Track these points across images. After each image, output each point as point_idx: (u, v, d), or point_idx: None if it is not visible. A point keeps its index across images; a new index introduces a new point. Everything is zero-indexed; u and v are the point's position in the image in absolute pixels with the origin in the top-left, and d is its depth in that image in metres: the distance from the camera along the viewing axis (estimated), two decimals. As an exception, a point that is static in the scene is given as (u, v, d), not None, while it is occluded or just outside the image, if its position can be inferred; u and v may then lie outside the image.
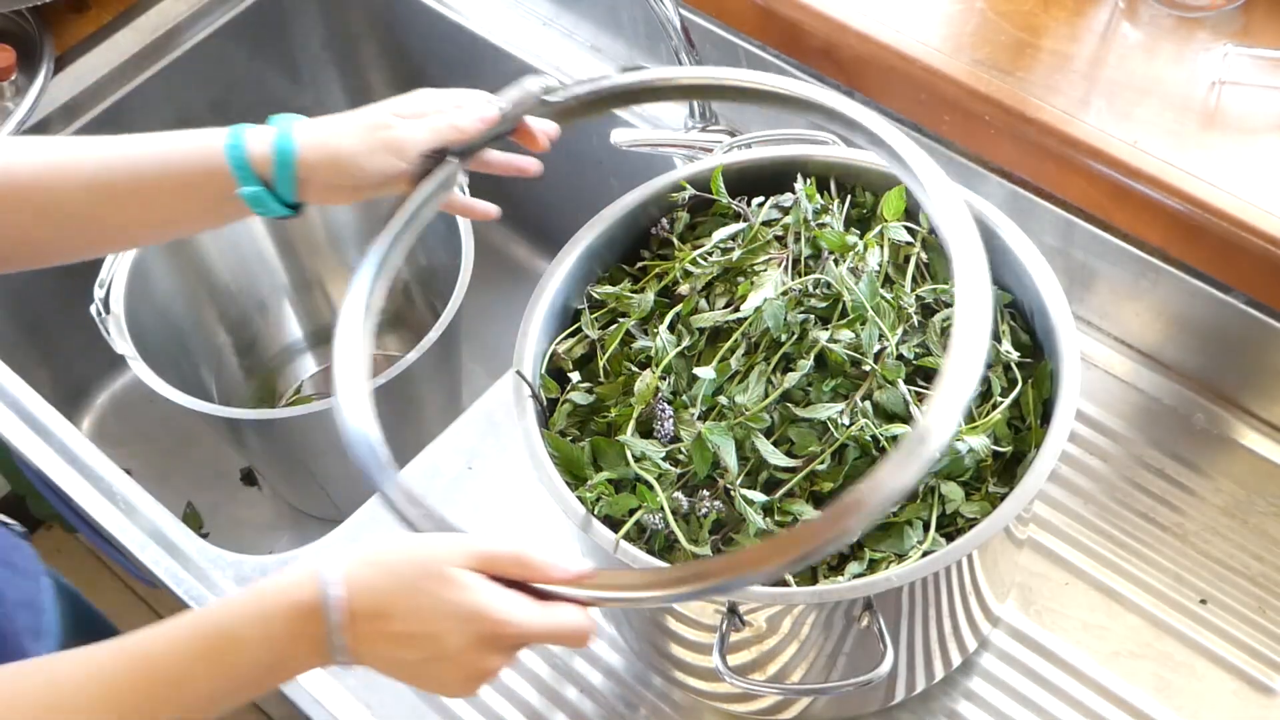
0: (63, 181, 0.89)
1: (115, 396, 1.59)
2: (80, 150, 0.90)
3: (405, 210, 0.92)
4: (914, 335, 0.93)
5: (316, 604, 0.71)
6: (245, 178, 0.88)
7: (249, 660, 0.72)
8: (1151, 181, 1.08)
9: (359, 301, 0.87)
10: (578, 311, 0.99)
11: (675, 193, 1.02)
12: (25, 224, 0.90)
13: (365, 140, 0.89)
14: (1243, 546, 1.09)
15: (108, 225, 0.92)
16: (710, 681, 0.99)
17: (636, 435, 0.90)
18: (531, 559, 0.74)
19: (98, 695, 0.71)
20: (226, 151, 0.88)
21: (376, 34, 1.61)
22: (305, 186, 0.89)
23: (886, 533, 0.87)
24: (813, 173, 1.01)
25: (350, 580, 0.72)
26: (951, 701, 1.02)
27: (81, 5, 1.47)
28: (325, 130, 0.90)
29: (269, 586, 0.73)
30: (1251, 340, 1.10)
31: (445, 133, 0.91)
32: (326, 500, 1.45)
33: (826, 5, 1.21)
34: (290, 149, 0.88)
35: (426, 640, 0.72)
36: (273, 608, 0.72)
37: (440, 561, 0.72)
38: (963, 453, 0.87)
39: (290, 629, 0.72)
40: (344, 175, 0.89)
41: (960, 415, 0.74)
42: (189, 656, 0.71)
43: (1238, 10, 1.16)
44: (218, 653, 0.72)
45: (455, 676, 0.74)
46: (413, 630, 0.72)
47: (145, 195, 0.89)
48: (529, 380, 0.93)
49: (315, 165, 0.89)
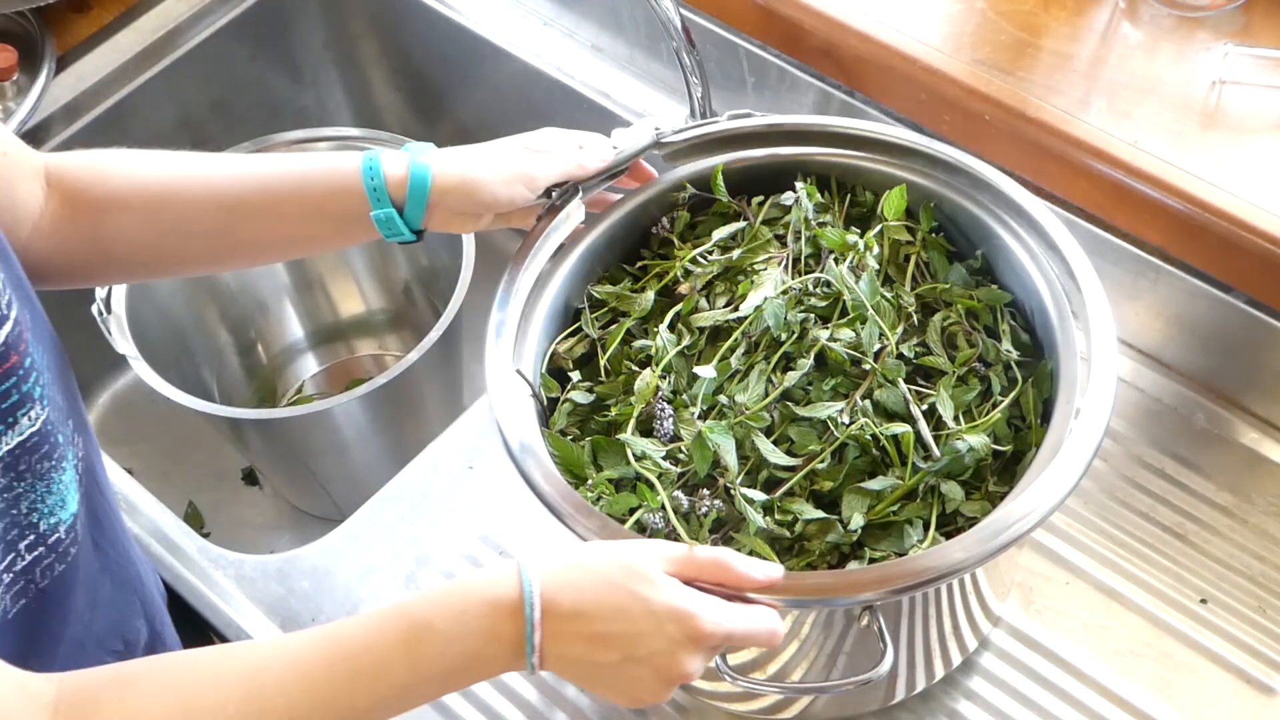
0: (196, 196, 0.92)
1: (116, 396, 1.59)
2: (212, 166, 0.94)
3: (533, 242, 0.97)
4: (914, 334, 0.93)
5: (516, 600, 0.72)
6: (379, 201, 0.91)
7: (445, 653, 0.72)
8: (1151, 181, 1.08)
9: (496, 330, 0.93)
10: (578, 311, 1.00)
11: (676, 192, 1.02)
12: (153, 237, 0.93)
13: (499, 170, 0.93)
14: (1243, 546, 1.09)
15: (237, 241, 0.95)
16: (710, 681, 0.99)
17: (637, 434, 0.90)
18: (732, 564, 0.76)
19: (297, 683, 0.72)
20: (363, 174, 0.91)
21: (377, 34, 1.61)
22: (433, 212, 0.93)
23: (887, 532, 0.87)
24: (813, 172, 1.01)
25: (552, 578, 0.73)
26: (952, 701, 1.02)
27: (83, 5, 1.47)
28: (459, 159, 0.94)
29: (469, 582, 0.74)
30: (1251, 340, 1.10)
31: (572, 170, 0.97)
32: (328, 500, 1.45)
33: (827, 5, 1.21)
34: (426, 175, 0.92)
35: (627, 640, 0.73)
36: (472, 602, 0.73)
37: (644, 564, 0.74)
38: (962, 451, 0.87)
39: (488, 624, 0.72)
40: (475, 202, 0.93)
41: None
42: (387, 647, 0.72)
43: (1238, 10, 1.16)
44: (416, 644, 0.72)
45: (649, 679, 0.74)
46: (614, 630, 0.72)
47: (277, 213, 0.93)
48: (529, 379, 0.93)
49: (447, 191, 0.92)
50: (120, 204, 0.91)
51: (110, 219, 0.91)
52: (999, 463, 0.90)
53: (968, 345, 0.93)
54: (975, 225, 0.98)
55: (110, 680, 0.73)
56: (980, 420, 0.89)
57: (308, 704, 0.71)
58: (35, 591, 0.83)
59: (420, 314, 1.60)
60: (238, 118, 1.56)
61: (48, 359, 0.82)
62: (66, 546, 0.84)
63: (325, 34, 1.62)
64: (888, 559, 0.86)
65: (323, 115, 1.66)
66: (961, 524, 0.87)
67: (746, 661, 0.92)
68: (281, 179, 0.93)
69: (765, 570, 0.77)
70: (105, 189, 0.91)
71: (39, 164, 0.90)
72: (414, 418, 1.38)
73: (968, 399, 0.90)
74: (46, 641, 0.86)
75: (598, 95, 1.41)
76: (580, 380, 0.96)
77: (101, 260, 0.94)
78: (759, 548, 0.86)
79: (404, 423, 1.37)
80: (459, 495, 1.16)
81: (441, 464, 1.19)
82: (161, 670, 0.73)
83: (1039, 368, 0.92)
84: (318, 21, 1.60)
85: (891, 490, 0.87)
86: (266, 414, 1.34)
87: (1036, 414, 0.91)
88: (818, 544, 0.86)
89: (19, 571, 0.81)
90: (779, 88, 1.30)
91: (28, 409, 0.78)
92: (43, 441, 0.80)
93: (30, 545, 0.81)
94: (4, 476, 0.78)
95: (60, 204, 0.90)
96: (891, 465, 0.88)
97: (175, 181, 0.92)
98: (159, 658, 0.75)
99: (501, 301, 0.94)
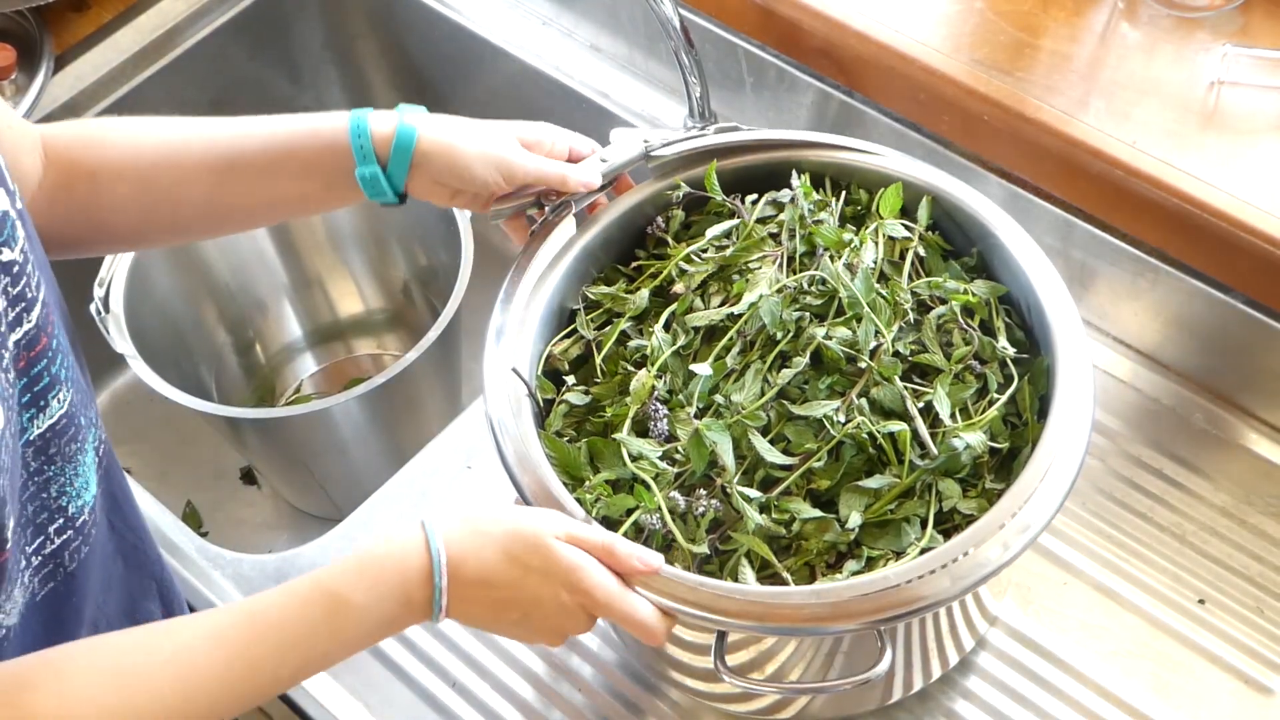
0: (188, 160, 0.92)
1: (115, 395, 1.59)
2: (203, 129, 0.93)
3: (533, 252, 0.98)
4: (909, 332, 0.93)
5: (426, 569, 0.79)
6: (365, 159, 0.91)
7: (363, 621, 0.78)
8: (1150, 181, 1.08)
9: (496, 335, 0.94)
10: (574, 312, 0.99)
11: (671, 191, 1.02)
12: (147, 205, 0.93)
13: (482, 149, 0.94)
14: (1241, 547, 1.09)
15: (230, 205, 0.95)
16: (708, 682, 0.99)
17: (633, 435, 0.90)
18: (618, 549, 0.82)
19: (225, 660, 0.76)
20: (350, 130, 0.91)
21: (376, 33, 1.61)
22: (415, 175, 0.93)
23: (884, 530, 0.87)
24: (808, 171, 1.01)
25: (456, 545, 0.79)
26: (950, 701, 1.02)
27: (81, 4, 1.47)
28: (447, 127, 0.94)
29: (382, 553, 0.79)
30: (1250, 340, 1.10)
31: (552, 180, 0.97)
32: (326, 499, 1.45)
33: (826, 5, 1.21)
34: (411, 134, 0.92)
35: (522, 604, 0.81)
36: (387, 573, 0.79)
37: (541, 533, 0.81)
38: (959, 449, 0.87)
39: (401, 593, 0.79)
40: (453, 175, 0.94)
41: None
42: (311, 622, 0.78)
43: (1237, 10, 1.16)
44: (337, 617, 0.78)
45: (543, 633, 0.83)
46: (511, 596, 0.80)
47: (269, 172, 0.93)
48: (525, 379, 0.93)
49: (430, 155, 0.92)
50: (114, 173, 0.91)
51: (104, 188, 0.91)
52: (996, 460, 0.90)
53: (963, 343, 0.92)
54: (972, 223, 0.98)
55: (41, 664, 0.74)
56: (977, 418, 0.89)
57: (236, 677, 0.76)
58: (64, 575, 0.84)
59: (419, 314, 1.60)
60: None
61: (67, 340, 0.83)
62: (90, 529, 0.85)
63: (324, 33, 1.62)
64: (885, 557, 0.86)
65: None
66: (959, 521, 0.87)
67: (744, 662, 0.92)
68: (271, 138, 0.93)
69: (646, 557, 0.82)
70: (99, 158, 0.91)
71: (37, 137, 0.90)
72: (412, 417, 1.38)
73: (964, 396, 0.90)
74: (72, 624, 0.86)
75: (596, 95, 1.41)
76: (575, 383, 0.96)
77: (94, 230, 0.93)
78: (757, 547, 0.85)
79: (402, 422, 1.37)
80: (457, 495, 1.16)
81: (440, 464, 1.19)
82: (93, 652, 0.75)
83: (1035, 364, 0.92)
84: (317, 21, 1.60)
85: (889, 488, 0.87)
86: (265, 413, 1.34)
87: (1033, 411, 0.91)
88: (815, 543, 0.86)
89: (48, 555, 0.81)
90: (778, 88, 1.30)
91: (57, 391, 0.78)
92: (69, 424, 0.80)
93: (59, 529, 0.82)
94: (35, 460, 0.78)
95: (56, 175, 0.90)
96: (889, 463, 0.88)
97: (167, 147, 0.92)
98: (86, 641, 0.76)
99: (502, 305, 0.95)
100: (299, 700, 1.06)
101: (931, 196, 0.99)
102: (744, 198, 1.01)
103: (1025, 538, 0.83)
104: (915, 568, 0.82)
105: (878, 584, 0.82)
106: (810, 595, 0.82)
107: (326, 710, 1.05)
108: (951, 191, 0.98)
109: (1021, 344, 0.94)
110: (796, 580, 0.86)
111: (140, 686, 0.74)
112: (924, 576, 0.81)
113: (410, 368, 1.25)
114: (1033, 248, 0.95)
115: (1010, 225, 0.96)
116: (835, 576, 0.85)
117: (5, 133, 0.85)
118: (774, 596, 0.82)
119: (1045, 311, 0.92)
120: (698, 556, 0.87)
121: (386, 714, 1.05)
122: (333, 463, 1.38)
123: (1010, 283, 0.96)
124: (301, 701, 1.06)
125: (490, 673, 1.06)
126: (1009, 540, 0.82)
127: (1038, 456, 0.85)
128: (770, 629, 0.82)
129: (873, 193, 0.99)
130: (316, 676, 1.05)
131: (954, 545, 0.83)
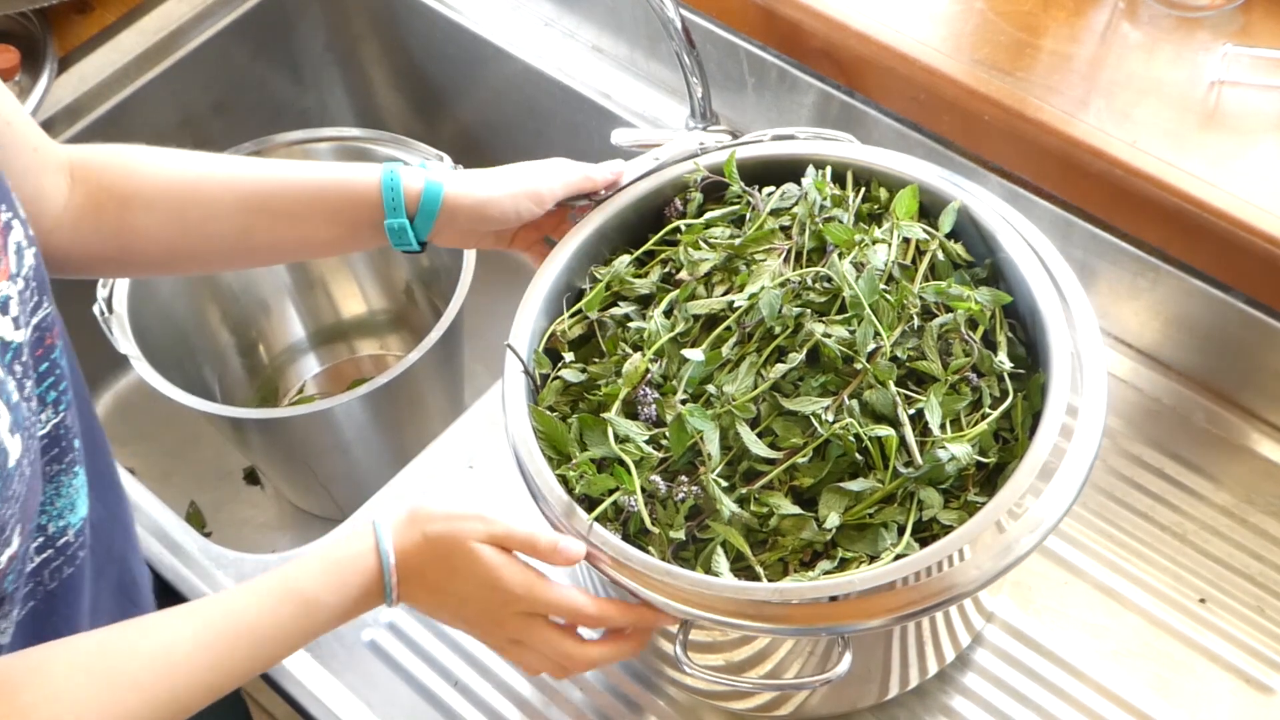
0: (220, 197, 0.95)
1: (118, 396, 1.59)
2: (236, 168, 0.97)
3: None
4: (910, 337, 0.91)
5: (379, 570, 0.86)
6: (395, 211, 0.96)
7: (330, 619, 0.85)
8: (1151, 181, 1.08)
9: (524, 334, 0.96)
10: (582, 292, 1.00)
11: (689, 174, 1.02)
12: (175, 236, 0.95)
13: (508, 187, 0.98)
14: (1242, 546, 1.09)
15: (255, 243, 0.98)
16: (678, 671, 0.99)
17: (622, 416, 0.90)
18: (539, 540, 0.86)
19: (204, 656, 0.81)
20: (383, 184, 0.96)
21: (378, 35, 1.61)
22: (443, 227, 0.98)
23: (861, 534, 0.86)
24: (829, 165, 1.01)
25: (401, 548, 0.86)
26: (947, 698, 1.02)
27: (85, 6, 1.48)
28: (471, 179, 0.98)
29: (343, 555, 0.86)
30: (1251, 340, 1.10)
31: (578, 183, 1.01)
32: (328, 499, 1.45)
33: (826, 5, 1.22)
34: (439, 191, 0.96)
35: (454, 601, 0.87)
36: (350, 574, 0.85)
37: (466, 538, 0.86)
38: (944, 460, 0.86)
39: (361, 592, 0.86)
40: (482, 220, 0.98)
41: None
42: (284, 622, 0.84)
43: (1237, 10, 1.16)
44: (308, 616, 0.84)
45: (488, 634, 0.89)
46: (446, 590, 0.87)
47: (298, 216, 0.97)
48: (520, 356, 0.93)
49: (458, 208, 0.97)
50: (146, 202, 0.93)
51: (135, 216, 0.93)
52: (982, 474, 0.88)
53: (963, 354, 0.91)
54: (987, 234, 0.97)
55: (23, 665, 0.75)
56: (967, 430, 0.88)
57: (215, 673, 0.81)
58: (44, 594, 0.84)
59: (421, 314, 1.61)
60: (239, 118, 1.56)
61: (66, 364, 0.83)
62: (75, 550, 0.85)
63: (327, 35, 1.62)
64: (859, 560, 0.85)
65: (324, 116, 1.67)
66: (938, 530, 0.86)
67: (709, 654, 0.92)
68: (303, 184, 0.97)
69: (568, 547, 0.86)
70: (131, 186, 0.93)
71: (63, 158, 0.91)
72: (415, 418, 1.38)
73: (957, 407, 0.89)
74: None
75: (598, 96, 1.42)
76: (574, 360, 0.96)
77: (119, 254, 0.95)
78: (732, 537, 0.85)
79: (405, 423, 1.37)
80: (459, 495, 1.16)
81: (442, 464, 1.19)
82: (76, 652, 0.77)
83: (1031, 381, 0.91)
84: (319, 22, 1.60)
85: (870, 492, 0.86)
86: (268, 414, 1.34)
87: (1025, 427, 0.89)
88: (792, 539, 0.86)
89: (28, 574, 0.82)
90: (779, 88, 1.30)
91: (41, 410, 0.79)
92: (53, 445, 0.81)
93: (39, 547, 0.82)
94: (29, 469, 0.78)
95: (84, 198, 0.92)
96: (874, 467, 0.87)
97: (201, 182, 0.95)
98: (67, 641, 0.78)
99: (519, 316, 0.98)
100: (301, 699, 1.06)
101: (959, 204, 0.97)
102: (762, 188, 1.01)
103: (1003, 562, 0.83)
104: (881, 574, 0.82)
105: (841, 588, 0.82)
106: (772, 593, 0.82)
107: (328, 709, 1.05)
108: (974, 205, 0.97)
109: (1021, 360, 0.93)
110: (769, 575, 0.86)
111: (125, 683, 0.77)
112: (887, 586, 0.81)
113: (412, 368, 1.25)
114: (1058, 262, 0.95)
115: (1030, 240, 0.95)
116: (807, 575, 0.85)
117: (31, 155, 0.87)
118: (735, 591, 0.83)
119: (1047, 329, 0.91)
120: (673, 542, 0.86)
121: (388, 712, 1.05)
122: (335, 463, 1.39)
123: (1022, 297, 0.94)
124: (303, 700, 1.06)
125: (491, 671, 1.06)
126: (982, 564, 0.83)
127: (1019, 474, 0.84)
128: (723, 622, 0.83)
129: (894, 193, 0.99)
130: (319, 675, 1.07)
131: (926, 555, 0.83)
